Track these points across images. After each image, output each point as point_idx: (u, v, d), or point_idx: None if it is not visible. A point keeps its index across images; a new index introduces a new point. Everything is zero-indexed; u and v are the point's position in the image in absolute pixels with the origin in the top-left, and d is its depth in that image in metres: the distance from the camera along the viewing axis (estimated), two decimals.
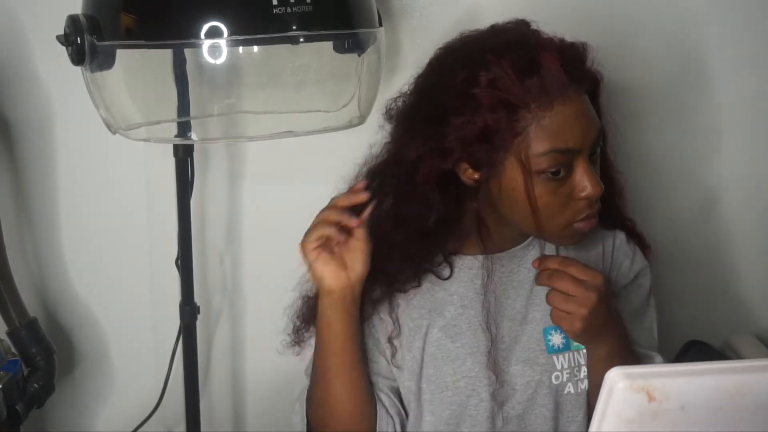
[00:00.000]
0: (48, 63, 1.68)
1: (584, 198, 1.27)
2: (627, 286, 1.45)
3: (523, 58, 1.24)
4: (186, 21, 1.31)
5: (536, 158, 1.24)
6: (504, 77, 1.23)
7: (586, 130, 1.26)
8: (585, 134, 1.26)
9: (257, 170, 1.81)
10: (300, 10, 1.31)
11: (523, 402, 1.35)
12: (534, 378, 1.35)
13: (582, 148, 1.25)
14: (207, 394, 1.89)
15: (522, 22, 1.34)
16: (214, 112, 1.52)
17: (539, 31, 1.32)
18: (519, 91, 1.23)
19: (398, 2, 1.71)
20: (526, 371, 1.35)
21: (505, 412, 1.35)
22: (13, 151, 1.75)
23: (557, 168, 1.25)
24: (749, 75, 1.81)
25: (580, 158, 1.26)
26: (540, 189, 1.26)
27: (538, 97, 1.23)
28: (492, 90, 1.23)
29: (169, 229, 1.67)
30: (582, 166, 1.26)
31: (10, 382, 1.50)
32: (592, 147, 1.27)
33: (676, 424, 0.88)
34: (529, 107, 1.23)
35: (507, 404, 1.35)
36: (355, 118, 1.50)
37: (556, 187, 1.26)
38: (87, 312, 1.86)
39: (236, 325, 1.89)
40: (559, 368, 1.35)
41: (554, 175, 1.25)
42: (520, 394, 1.35)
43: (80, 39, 1.34)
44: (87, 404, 1.90)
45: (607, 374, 0.87)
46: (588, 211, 1.29)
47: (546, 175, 1.25)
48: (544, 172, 1.25)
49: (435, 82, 1.32)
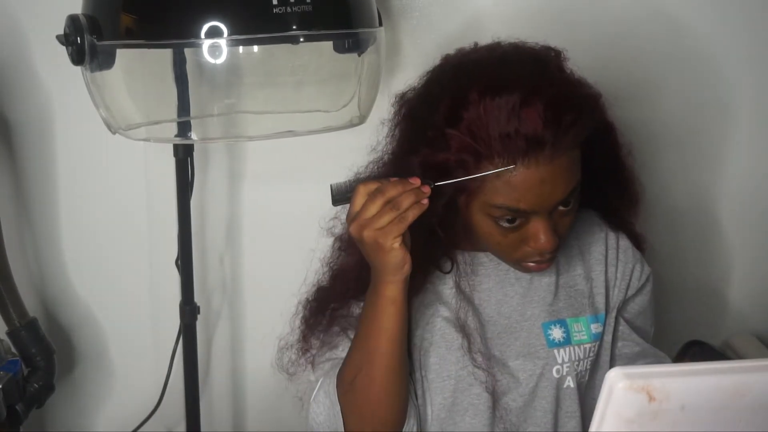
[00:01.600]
0: (48, 63, 1.68)
1: (534, 249, 1.26)
2: (640, 289, 1.45)
3: (507, 102, 1.19)
4: (186, 21, 1.31)
5: (490, 207, 1.23)
6: (478, 124, 1.20)
7: (546, 196, 1.22)
8: (544, 200, 1.22)
9: (257, 170, 1.81)
10: (300, 9, 1.31)
11: (525, 395, 1.36)
12: (536, 371, 1.36)
13: (537, 211, 1.23)
14: (207, 394, 1.89)
15: (544, 51, 1.28)
16: (214, 112, 1.52)
17: (553, 68, 1.26)
18: (489, 139, 1.19)
19: (398, 2, 1.71)
20: (527, 365, 1.36)
21: (506, 404, 1.36)
22: (13, 151, 1.75)
23: (511, 217, 1.24)
24: (750, 75, 1.81)
25: (538, 215, 1.24)
26: (491, 229, 1.26)
27: (503, 153, 1.19)
28: (462, 134, 1.21)
29: (169, 229, 1.67)
30: (538, 221, 1.24)
31: (10, 382, 1.50)
32: (555, 206, 1.24)
33: (676, 424, 0.88)
34: (493, 159, 1.20)
35: (508, 395, 1.36)
36: (355, 117, 1.50)
37: (509, 232, 1.25)
38: (87, 312, 1.86)
39: (236, 325, 1.89)
40: (560, 362, 1.36)
41: (509, 222, 1.24)
42: (523, 387, 1.36)
43: (80, 39, 1.34)
44: (87, 404, 1.90)
45: (607, 374, 0.87)
46: (538, 258, 1.28)
47: (499, 221, 1.25)
48: (497, 219, 1.24)
49: (422, 102, 1.31)
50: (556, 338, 1.37)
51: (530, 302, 1.38)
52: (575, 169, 1.24)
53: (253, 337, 1.88)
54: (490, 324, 1.37)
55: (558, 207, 1.25)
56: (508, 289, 1.38)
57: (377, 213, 1.20)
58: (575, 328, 1.38)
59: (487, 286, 1.38)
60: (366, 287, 1.31)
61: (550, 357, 1.36)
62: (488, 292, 1.38)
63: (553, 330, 1.37)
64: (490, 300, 1.38)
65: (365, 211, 1.21)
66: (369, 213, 1.21)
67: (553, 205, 1.23)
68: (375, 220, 1.20)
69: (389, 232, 1.20)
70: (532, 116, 1.18)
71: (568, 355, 1.36)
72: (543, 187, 1.21)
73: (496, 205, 1.23)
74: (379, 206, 1.20)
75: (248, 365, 1.90)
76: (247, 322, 1.88)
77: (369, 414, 1.30)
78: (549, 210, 1.23)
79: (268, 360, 1.82)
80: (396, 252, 1.21)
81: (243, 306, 1.88)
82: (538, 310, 1.37)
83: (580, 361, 1.37)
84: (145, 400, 1.79)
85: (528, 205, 1.22)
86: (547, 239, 1.24)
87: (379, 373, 1.28)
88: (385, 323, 1.27)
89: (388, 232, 1.20)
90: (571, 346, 1.37)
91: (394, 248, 1.21)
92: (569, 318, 1.38)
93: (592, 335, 1.38)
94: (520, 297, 1.38)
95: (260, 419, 1.92)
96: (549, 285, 1.38)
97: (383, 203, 1.20)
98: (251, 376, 1.91)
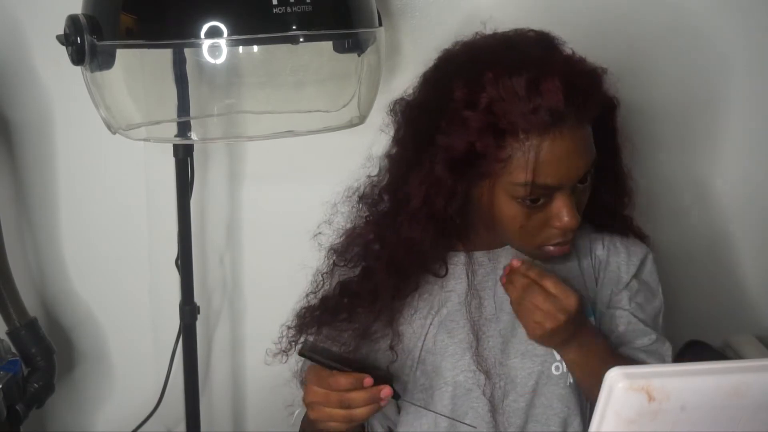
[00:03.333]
0: (48, 63, 1.68)
1: (559, 228, 1.26)
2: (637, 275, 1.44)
3: (525, 80, 1.19)
4: (186, 21, 1.31)
5: (514, 186, 1.24)
6: (498, 100, 1.20)
7: (572, 169, 1.23)
8: (570, 173, 1.23)
9: (257, 170, 1.81)
10: (300, 9, 1.31)
11: (525, 395, 1.35)
12: (534, 369, 1.35)
13: (563, 185, 1.24)
14: (207, 394, 1.89)
15: (543, 34, 1.30)
16: (214, 112, 1.52)
17: (557, 49, 1.27)
18: (511, 116, 1.19)
19: (398, 2, 1.71)
20: (525, 363, 1.35)
21: (507, 406, 1.35)
22: (13, 151, 1.75)
23: (535, 197, 1.24)
24: (751, 75, 1.81)
25: (561, 191, 1.24)
26: (516, 211, 1.26)
27: (529, 127, 1.19)
28: (483, 114, 1.21)
29: (169, 229, 1.67)
30: (562, 198, 1.24)
31: (10, 382, 1.50)
32: (577, 181, 1.25)
33: (676, 424, 0.88)
34: (518, 135, 1.20)
35: (509, 397, 1.35)
36: (355, 118, 1.50)
37: (533, 213, 1.26)
38: (87, 312, 1.86)
39: (236, 325, 1.89)
40: (558, 359, 1.35)
41: (532, 203, 1.25)
42: (521, 387, 1.35)
43: (80, 39, 1.34)
44: (87, 404, 1.90)
45: (607, 374, 0.87)
46: (561, 239, 1.29)
47: (524, 201, 1.25)
48: (522, 199, 1.25)
49: (431, 95, 1.31)
50: None
51: None
52: (592, 143, 1.25)
53: (253, 337, 1.88)
54: (490, 323, 1.37)
55: (578, 184, 1.26)
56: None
57: (321, 401, 1.23)
58: None
59: (487, 286, 1.38)
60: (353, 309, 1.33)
61: (548, 354, 1.35)
62: (488, 291, 1.38)
63: None
64: (490, 300, 1.38)
65: (309, 393, 1.24)
66: (313, 397, 1.24)
67: (576, 179, 1.24)
68: (318, 407, 1.23)
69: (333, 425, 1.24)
70: (552, 90, 1.19)
71: None
72: (569, 161, 1.22)
73: (523, 183, 1.22)
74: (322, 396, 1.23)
75: (248, 365, 1.90)
76: (247, 322, 1.88)
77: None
78: (572, 184, 1.24)
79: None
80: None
81: (243, 306, 1.88)
82: None
83: None
84: (145, 400, 1.79)
85: (555, 180, 1.22)
86: (570, 216, 1.25)
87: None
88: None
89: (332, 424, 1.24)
90: None
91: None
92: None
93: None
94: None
95: (260, 419, 1.92)
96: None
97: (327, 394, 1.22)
98: (251, 377, 1.90)
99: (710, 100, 1.81)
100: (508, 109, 1.20)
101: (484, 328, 1.37)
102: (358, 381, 1.22)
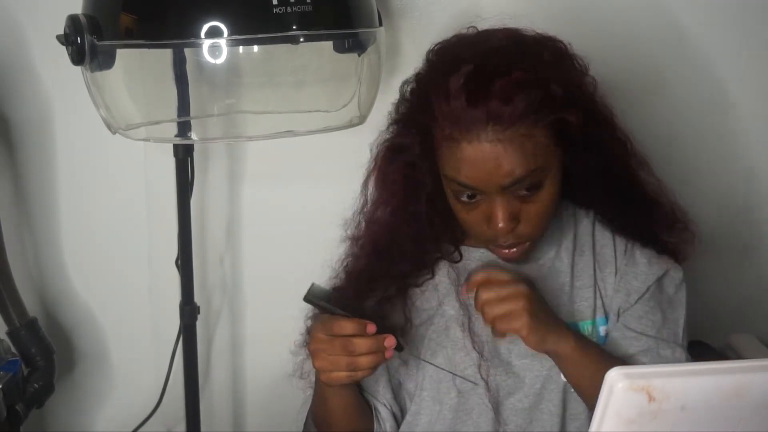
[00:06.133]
0: (48, 63, 1.68)
1: (491, 231, 1.26)
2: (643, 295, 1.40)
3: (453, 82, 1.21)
4: (186, 21, 1.31)
5: (446, 179, 1.25)
6: (430, 98, 1.24)
7: (493, 175, 1.21)
8: (491, 178, 1.22)
9: (257, 170, 1.81)
10: (300, 9, 1.31)
11: (530, 396, 1.35)
12: (542, 373, 1.35)
13: (486, 189, 1.23)
14: (207, 394, 1.89)
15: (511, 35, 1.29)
16: (214, 112, 1.52)
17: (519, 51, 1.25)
18: (438, 111, 1.22)
19: (398, 2, 1.71)
20: (534, 365, 1.35)
21: (512, 405, 1.35)
22: (13, 151, 1.75)
23: (468, 194, 1.24)
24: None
25: (493, 194, 1.24)
26: (456, 203, 1.28)
27: (447, 125, 1.22)
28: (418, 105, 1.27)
29: (169, 229, 1.67)
30: (493, 202, 1.24)
31: (10, 382, 1.50)
32: (506, 188, 1.23)
33: (676, 424, 0.88)
34: (443, 131, 1.23)
35: (514, 396, 1.35)
36: (355, 117, 1.50)
37: (470, 209, 1.26)
38: (87, 312, 1.86)
39: (236, 325, 1.89)
40: None
41: (468, 198, 1.25)
42: (528, 388, 1.35)
43: (80, 39, 1.34)
44: (87, 404, 1.90)
45: (607, 374, 0.87)
46: (500, 242, 1.28)
47: (457, 196, 1.26)
48: (455, 194, 1.25)
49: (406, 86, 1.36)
50: None
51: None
52: (533, 153, 1.22)
53: (253, 337, 1.88)
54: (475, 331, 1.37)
55: (518, 191, 1.24)
56: None
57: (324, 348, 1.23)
58: (586, 331, 1.37)
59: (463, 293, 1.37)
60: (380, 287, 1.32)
61: None
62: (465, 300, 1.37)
63: None
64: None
65: (313, 341, 1.24)
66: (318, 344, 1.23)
67: (498, 185, 1.22)
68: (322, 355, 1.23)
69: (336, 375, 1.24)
70: (475, 92, 1.19)
71: None
72: (486, 165, 1.21)
73: (448, 176, 1.25)
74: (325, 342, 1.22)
75: (248, 365, 1.90)
76: (247, 322, 1.88)
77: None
78: (496, 190, 1.22)
79: (268, 360, 1.83)
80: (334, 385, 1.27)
81: (243, 306, 1.88)
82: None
83: None
84: (145, 400, 1.79)
85: (473, 182, 1.22)
86: (498, 222, 1.24)
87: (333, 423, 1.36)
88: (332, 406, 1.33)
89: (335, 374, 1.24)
90: None
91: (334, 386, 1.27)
92: (581, 321, 1.37)
93: (601, 338, 1.37)
94: None
95: (260, 419, 1.92)
96: (563, 286, 1.37)
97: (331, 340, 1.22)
98: (251, 376, 1.90)
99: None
100: (435, 104, 1.23)
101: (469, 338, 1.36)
102: (362, 327, 1.21)
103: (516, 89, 1.20)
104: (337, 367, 1.22)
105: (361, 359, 1.21)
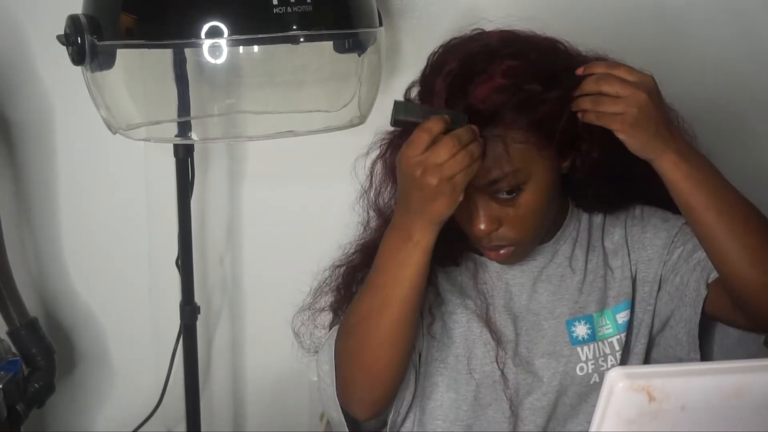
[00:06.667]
0: (48, 63, 1.68)
1: (471, 229, 1.26)
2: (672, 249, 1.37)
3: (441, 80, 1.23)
4: (186, 21, 1.31)
5: None
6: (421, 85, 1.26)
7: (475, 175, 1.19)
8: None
9: (257, 170, 1.81)
10: (300, 9, 1.31)
11: (549, 394, 1.35)
12: (559, 369, 1.35)
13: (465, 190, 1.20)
14: (207, 394, 1.89)
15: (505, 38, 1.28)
16: (214, 112, 1.52)
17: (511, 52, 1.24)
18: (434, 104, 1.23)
19: (398, 2, 1.71)
20: (551, 363, 1.35)
21: (530, 404, 1.35)
22: (13, 151, 1.75)
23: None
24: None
25: (473, 194, 1.23)
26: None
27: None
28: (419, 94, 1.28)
29: (169, 229, 1.67)
30: (474, 202, 1.24)
31: (11, 382, 1.50)
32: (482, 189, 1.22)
33: (676, 424, 0.88)
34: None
35: (533, 395, 1.35)
36: (356, 118, 1.51)
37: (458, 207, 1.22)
38: (87, 312, 1.86)
39: (236, 325, 1.89)
40: (583, 359, 1.35)
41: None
42: (546, 386, 1.35)
43: (80, 39, 1.34)
44: (87, 404, 1.90)
45: (608, 374, 0.87)
46: (483, 243, 1.28)
47: None
48: None
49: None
50: (579, 335, 1.35)
51: (560, 300, 1.36)
52: (509, 155, 1.21)
53: (253, 337, 1.88)
54: (518, 320, 1.36)
55: (498, 194, 1.23)
56: (539, 285, 1.37)
57: (448, 161, 1.15)
58: (600, 322, 1.37)
59: (521, 281, 1.36)
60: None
61: (573, 355, 1.35)
62: (520, 287, 1.36)
63: (577, 327, 1.36)
64: (522, 295, 1.37)
65: (434, 155, 1.14)
66: (439, 158, 1.14)
67: (473, 186, 1.20)
68: (445, 168, 1.15)
69: (458, 183, 1.15)
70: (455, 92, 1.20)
71: (592, 352, 1.35)
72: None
73: None
74: (450, 153, 1.14)
75: (248, 365, 1.90)
76: (247, 322, 1.88)
77: (367, 362, 1.25)
78: (473, 190, 1.21)
79: (268, 360, 1.83)
80: (455, 204, 1.17)
81: (243, 306, 1.88)
82: (566, 308, 1.36)
83: (606, 356, 1.35)
84: (145, 400, 1.79)
85: None
86: (479, 223, 1.24)
87: (389, 321, 1.22)
88: (409, 271, 1.21)
89: (457, 183, 1.15)
90: (596, 343, 1.35)
91: (459, 201, 1.17)
92: (596, 313, 1.37)
93: (618, 326, 1.37)
94: (550, 294, 1.37)
95: (260, 419, 1.92)
96: (579, 283, 1.37)
97: (457, 151, 1.14)
98: (251, 376, 1.91)
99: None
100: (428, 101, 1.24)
101: (515, 322, 1.36)
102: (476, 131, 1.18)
103: (492, 90, 1.20)
104: (462, 165, 1.15)
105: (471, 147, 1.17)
